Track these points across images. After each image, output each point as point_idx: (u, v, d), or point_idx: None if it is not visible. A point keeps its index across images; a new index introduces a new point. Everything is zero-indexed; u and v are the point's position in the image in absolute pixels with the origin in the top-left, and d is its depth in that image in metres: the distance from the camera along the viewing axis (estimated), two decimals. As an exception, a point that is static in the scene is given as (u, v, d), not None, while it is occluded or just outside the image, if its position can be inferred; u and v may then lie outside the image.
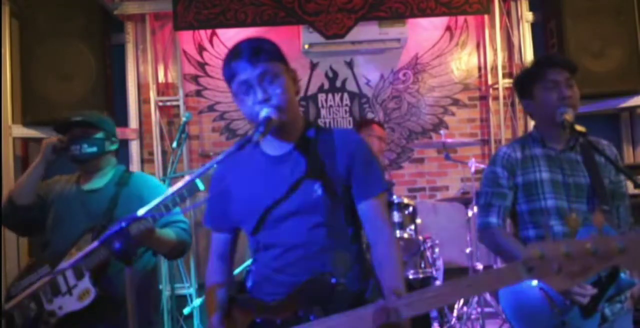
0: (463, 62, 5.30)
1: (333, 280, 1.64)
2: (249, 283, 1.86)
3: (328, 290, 1.65)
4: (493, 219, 2.25)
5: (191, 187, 2.44)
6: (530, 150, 2.29)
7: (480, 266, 4.27)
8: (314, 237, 1.71)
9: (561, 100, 2.19)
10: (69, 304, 2.51)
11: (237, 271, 3.47)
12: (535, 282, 1.97)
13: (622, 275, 2.00)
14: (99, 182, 2.76)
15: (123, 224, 1.52)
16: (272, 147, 1.80)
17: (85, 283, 2.50)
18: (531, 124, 4.94)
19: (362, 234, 1.84)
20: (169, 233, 2.61)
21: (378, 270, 1.72)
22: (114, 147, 2.81)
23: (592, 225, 2.11)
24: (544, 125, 2.31)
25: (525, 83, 2.32)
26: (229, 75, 1.73)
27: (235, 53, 1.71)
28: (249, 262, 1.97)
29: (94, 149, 2.70)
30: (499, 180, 2.28)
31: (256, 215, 1.76)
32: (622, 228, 2.24)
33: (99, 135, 2.73)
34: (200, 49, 5.23)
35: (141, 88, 5.09)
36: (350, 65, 5.27)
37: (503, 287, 1.98)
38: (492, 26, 5.17)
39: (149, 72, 5.07)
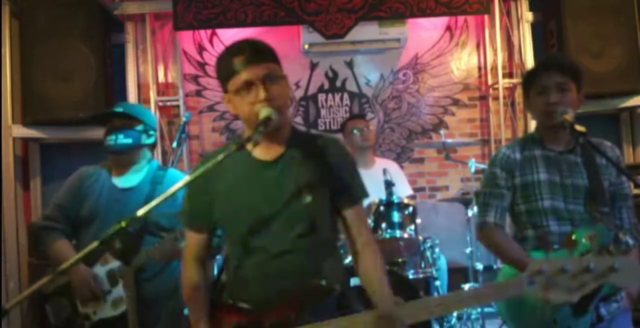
0: (463, 62, 5.29)
1: (323, 283, 1.69)
2: (227, 286, 1.84)
3: (318, 294, 1.69)
4: (490, 219, 2.28)
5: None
6: (529, 151, 2.30)
7: (480, 266, 4.27)
8: (300, 244, 1.72)
9: (546, 106, 2.20)
10: (102, 310, 2.47)
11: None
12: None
13: None
14: (133, 178, 2.71)
15: (123, 224, 1.52)
16: (260, 151, 1.78)
17: (119, 291, 2.46)
18: (531, 123, 5.00)
19: (339, 236, 1.88)
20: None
21: (367, 279, 1.75)
22: (150, 140, 2.75)
23: (589, 225, 2.14)
24: (541, 127, 2.33)
25: (524, 86, 2.35)
26: (227, 72, 1.70)
27: (237, 50, 1.70)
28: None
29: (129, 141, 2.65)
30: (497, 180, 2.30)
31: (242, 219, 1.75)
32: (625, 229, 2.24)
33: (138, 127, 2.69)
34: (200, 49, 5.22)
35: (141, 88, 5.08)
36: (350, 65, 5.27)
37: (506, 298, 2.02)
38: (492, 26, 5.17)
39: (149, 72, 5.07)
